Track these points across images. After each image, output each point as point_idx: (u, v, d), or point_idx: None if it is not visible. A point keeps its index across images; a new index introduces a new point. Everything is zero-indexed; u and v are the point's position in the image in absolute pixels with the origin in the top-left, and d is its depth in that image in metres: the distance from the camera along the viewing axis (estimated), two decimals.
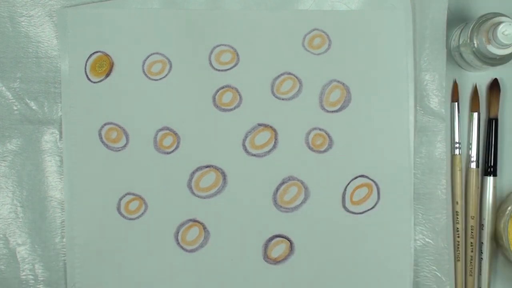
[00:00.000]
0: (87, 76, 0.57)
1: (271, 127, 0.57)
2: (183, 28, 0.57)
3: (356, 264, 0.57)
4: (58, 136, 0.57)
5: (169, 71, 0.57)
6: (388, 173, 0.57)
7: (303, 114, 0.57)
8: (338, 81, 0.57)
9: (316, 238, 0.57)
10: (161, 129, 0.57)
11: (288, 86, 0.57)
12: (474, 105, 0.59)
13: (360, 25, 0.57)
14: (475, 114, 0.58)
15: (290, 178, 0.57)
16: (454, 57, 0.59)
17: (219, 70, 0.57)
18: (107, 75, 0.57)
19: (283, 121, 0.57)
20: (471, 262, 0.58)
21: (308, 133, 0.57)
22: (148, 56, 0.57)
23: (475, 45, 0.54)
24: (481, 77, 0.59)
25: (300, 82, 0.57)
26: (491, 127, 0.58)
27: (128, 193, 0.57)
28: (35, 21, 0.57)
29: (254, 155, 0.57)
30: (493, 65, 0.54)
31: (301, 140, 0.57)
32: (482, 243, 0.58)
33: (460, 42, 0.56)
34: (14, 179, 0.57)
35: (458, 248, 0.58)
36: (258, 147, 0.57)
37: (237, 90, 0.57)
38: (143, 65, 0.57)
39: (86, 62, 0.57)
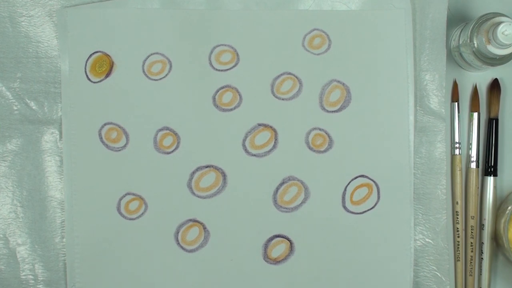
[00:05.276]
0: (87, 76, 0.57)
1: (271, 127, 0.57)
2: (183, 28, 0.57)
3: (356, 264, 0.57)
4: (58, 136, 0.57)
5: (169, 71, 0.57)
6: (388, 173, 0.57)
7: (303, 114, 0.57)
8: (338, 81, 0.57)
9: (316, 238, 0.57)
10: (161, 129, 0.57)
11: (288, 86, 0.57)
12: (474, 105, 0.59)
13: (360, 25, 0.57)
14: (475, 114, 0.58)
15: (290, 178, 0.57)
16: (454, 57, 0.59)
17: (219, 70, 0.57)
18: (107, 75, 0.57)
19: (283, 121, 0.57)
20: (471, 262, 0.58)
21: (308, 133, 0.57)
22: (148, 56, 0.57)
23: (475, 45, 0.54)
24: (481, 77, 0.59)
25: (300, 82, 0.57)
26: (491, 127, 0.58)
27: (128, 193, 0.57)
28: (35, 21, 0.57)
29: (254, 155, 0.57)
30: (493, 65, 0.54)
31: (301, 140, 0.57)
32: (482, 243, 0.58)
33: (460, 42, 0.56)
34: (14, 179, 0.57)
35: (458, 248, 0.58)
36: (258, 147, 0.57)
37: (237, 90, 0.57)
38: (143, 65, 0.57)
39: (86, 62, 0.57)
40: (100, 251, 0.56)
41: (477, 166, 0.58)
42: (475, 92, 0.59)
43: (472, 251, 0.58)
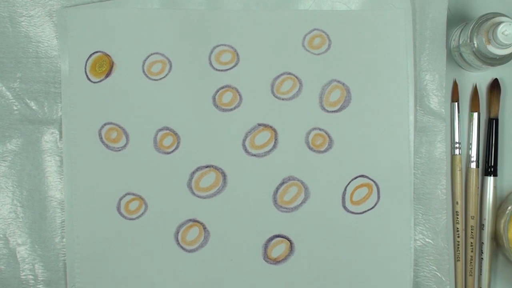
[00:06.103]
0: (87, 76, 0.57)
1: (271, 127, 0.57)
2: (183, 28, 0.57)
3: (356, 264, 0.57)
4: (58, 136, 0.57)
5: (169, 71, 0.57)
6: (388, 173, 0.57)
7: (303, 114, 0.57)
8: (338, 81, 0.57)
9: (316, 238, 0.57)
10: (161, 129, 0.57)
11: (288, 86, 0.57)
12: (474, 105, 0.59)
13: (360, 25, 0.57)
14: (475, 114, 0.58)
15: (290, 178, 0.57)
16: (454, 57, 0.59)
17: (219, 70, 0.57)
18: (107, 75, 0.57)
19: (283, 121, 0.57)
20: (471, 262, 0.58)
21: (308, 133, 0.57)
22: (148, 56, 0.57)
23: (475, 45, 0.54)
24: (481, 77, 0.59)
25: (300, 82, 0.57)
26: (491, 127, 0.58)
27: (128, 193, 0.57)
28: (35, 21, 0.57)
29: (254, 155, 0.57)
30: (493, 65, 0.54)
31: (301, 140, 0.57)
32: (482, 243, 0.58)
33: (460, 42, 0.56)
34: (14, 179, 0.57)
35: (458, 248, 0.58)
36: (258, 147, 0.57)
37: (237, 90, 0.57)
38: (143, 65, 0.57)
39: (86, 62, 0.57)
40: (100, 251, 0.56)
41: (477, 166, 0.58)
42: (475, 92, 0.59)
43: (472, 251, 0.58)
